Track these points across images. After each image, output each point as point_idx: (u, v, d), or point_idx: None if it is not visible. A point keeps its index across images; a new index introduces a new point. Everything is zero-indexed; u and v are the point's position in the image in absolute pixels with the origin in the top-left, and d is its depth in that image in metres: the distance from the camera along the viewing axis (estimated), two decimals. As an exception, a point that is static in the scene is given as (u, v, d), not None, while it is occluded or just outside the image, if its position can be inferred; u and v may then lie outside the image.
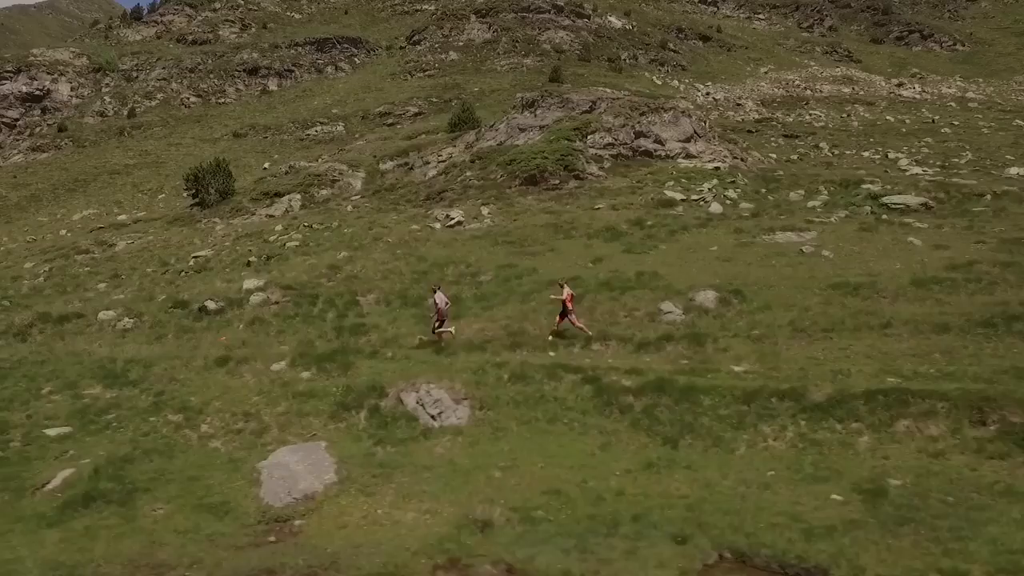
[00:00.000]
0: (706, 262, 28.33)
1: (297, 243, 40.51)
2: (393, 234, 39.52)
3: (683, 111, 50.92)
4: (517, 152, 47.96)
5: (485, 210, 42.09)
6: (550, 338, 23.02)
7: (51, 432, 18.31)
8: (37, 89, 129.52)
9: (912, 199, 35.92)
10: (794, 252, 28.52)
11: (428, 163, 55.07)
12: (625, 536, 13.32)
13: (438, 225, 40.93)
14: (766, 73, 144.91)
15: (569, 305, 23.42)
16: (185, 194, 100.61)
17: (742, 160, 50.46)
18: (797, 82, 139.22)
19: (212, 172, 56.20)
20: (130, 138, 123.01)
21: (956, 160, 77.03)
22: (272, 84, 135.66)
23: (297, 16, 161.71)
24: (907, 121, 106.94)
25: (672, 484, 14.97)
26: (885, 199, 36.61)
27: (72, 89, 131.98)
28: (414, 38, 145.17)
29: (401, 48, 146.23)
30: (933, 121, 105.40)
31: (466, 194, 46.10)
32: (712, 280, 25.18)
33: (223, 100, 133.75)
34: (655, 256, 30.36)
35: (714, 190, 41.52)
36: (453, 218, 41.25)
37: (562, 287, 24.02)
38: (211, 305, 28.83)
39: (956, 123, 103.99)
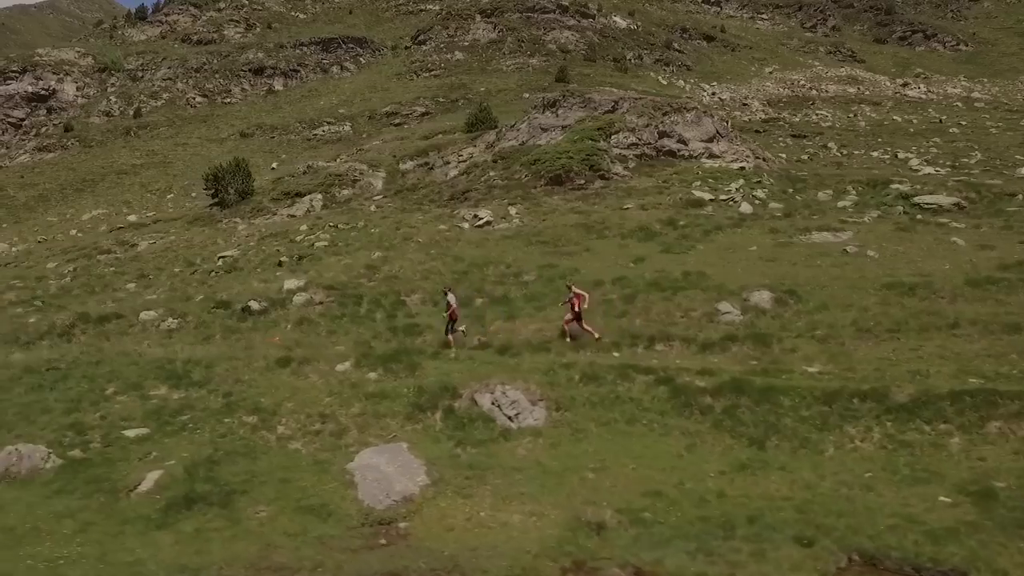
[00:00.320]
0: (750, 262, 28.35)
1: (326, 243, 40.48)
2: (422, 234, 39.50)
3: (705, 111, 51.04)
4: (541, 152, 47.99)
5: (513, 210, 42.10)
6: (568, 340, 23.23)
7: (129, 433, 18.25)
8: (43, 89, 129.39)
9: (944, 199, 36.00)
10: (838, 252, 28.55)
11: (448, 163, 55.10)
12: (745, 539, 13.30)
13: (466, 225, 40.95)
14: (771, 73, 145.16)
15: (577, 308, 23.68)
16: (194, 194, 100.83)
17: (764, 160, 50.55)
18: (802, 82, 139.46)
19: (231, 172, 56.13)
20: (136, 138, 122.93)
21: (966, 160, 77.19)
22: (278, 84, 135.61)
23: (301, 16, 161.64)
24: (914, 121, 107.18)
25: (771, 486, 14.98)
26: (917, 199, 36.68)
27: (78, 89, 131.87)
28: (419, 38, 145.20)
29: (406, 48, 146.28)
30: (940, 121, 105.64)
31: (491, 194, 46.12)
32: (761, 280, 25.20)
33: (229, 100, 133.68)
34: (695, 256, 30.38)
35: (742, 190, 41.56)
36: (481, 218, 41.26)
37: (570, 289, 24.37)
38: (255, 305, 28.81)
39: (963, 123, 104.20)
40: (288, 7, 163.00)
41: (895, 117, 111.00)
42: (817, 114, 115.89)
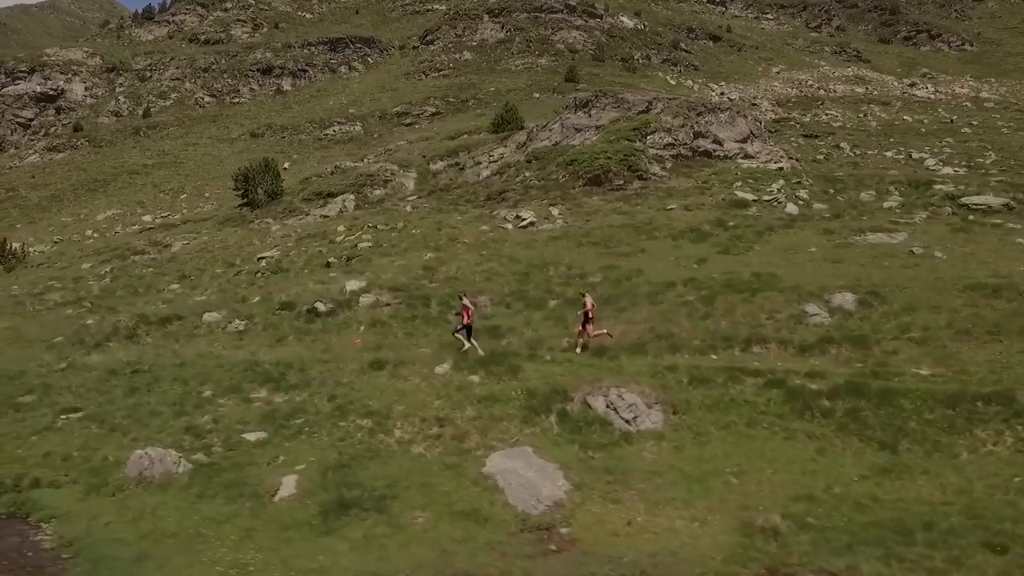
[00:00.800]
0: (815, 263, 28.41)
1: (370, 244, 40.45)
2: (467, 235, 39.51)
3: (738, 111, 51.18)
4: (577, 152, 48.04)
5: (555, 211, 42.15)
6: (578, 351, 23.39)
7: (249, 437, 18.18)
8: (51, 89, 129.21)
9: (994, 200, 36.11)
10: (903, 253, 28.61)
11: (480, 163, 55.16)
12: (930, 544, 13.25)
13: (509, 226, 40.97)
14: (778, 73, 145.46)
15: (591, 315, 23.92)
16: (207, 194, 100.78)
17: (796, 160, 50.71)
18: (810, 82, 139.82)
19: (261, 172, 56.08)
20: (146, 138, 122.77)
21: (981, 160, 77.50)
22: (286, 84, 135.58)
23: (308, 16, 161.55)
24: (925, 121, 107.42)
25: (921, 490, 14.97)
26: (964, 200, 36.78)
27: (86, 89, 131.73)
28: (427, 38, 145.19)
29: (414, 48, 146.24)
30: (951, 121, 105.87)
31: (528, 195, 46.16)
32: (836, 282, 25.23)
33: (238, 100, 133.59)
34: (756, 257, 30.44)
35: (783, 191, 41.67)
36: (524, 219, 41.29)
37: (583, 296, 24.73)
38: (321, 307, 28.80)
39: (975, 123, 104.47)
40: (294, 7, 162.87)
41: (905, 117, 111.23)
42: (827, 114, 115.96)
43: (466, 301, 24.63)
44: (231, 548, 13.81)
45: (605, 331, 23.91)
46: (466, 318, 24.06)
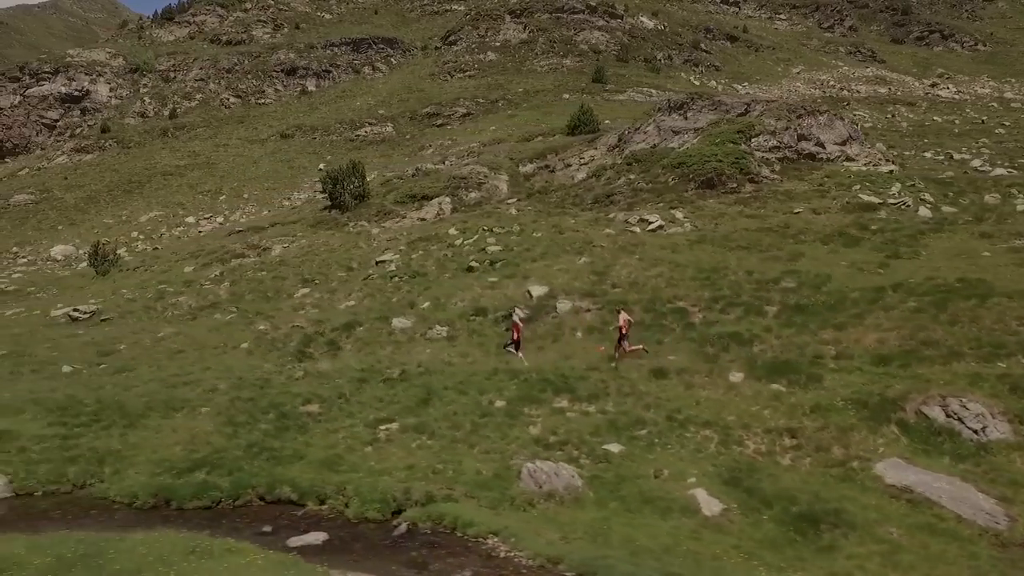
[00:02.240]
0: (1009, 268, 28.52)
1: (499, 248, 40.46)
2: (598, 238, 39.60)
3: (836, 114, 51.52)
4: (683, 155, 48.24)
5: (678, 214, 42.33)
6: (613, 365, 24.36)
7: (612, 449, 18.21)
8: (76, 90, 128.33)
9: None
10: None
11: (570, 165, 55.31)
12: None
13: (637, 229, 41.10)
14: (798, 73, 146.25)
15: (624, 331, 25.06)
16: (246, 195, 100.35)
17: (891, 162, 51.10)
18: (831, 82, 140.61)
19: (348, 175, 55.97)
20: (174, 139, 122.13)
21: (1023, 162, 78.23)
22: (311, 84, 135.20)
23: (327, 16, 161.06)
24: (956, 122, 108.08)
25: None
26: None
27: (111, 90, 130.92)
28: (450, 38, 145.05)
29: (436, 48, 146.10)
30: (982, 122, 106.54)
31: (638, 197, 46.32)
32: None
33: (263, 101, 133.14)
34: (932, 261, 30.38)
35: (903, 194, 42.02)
36: (651, 222, 41.45)
37: (618, 313, 26.01)
38: (521, 314, 28.87)
39: (1007, 124, 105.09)
40: (313, 7, 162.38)
41: (935, 118, 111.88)
42: (855, 114, 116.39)
43: (518, 313, 26.97)
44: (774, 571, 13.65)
45: (642, 347, 25.14)
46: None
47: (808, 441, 18.21)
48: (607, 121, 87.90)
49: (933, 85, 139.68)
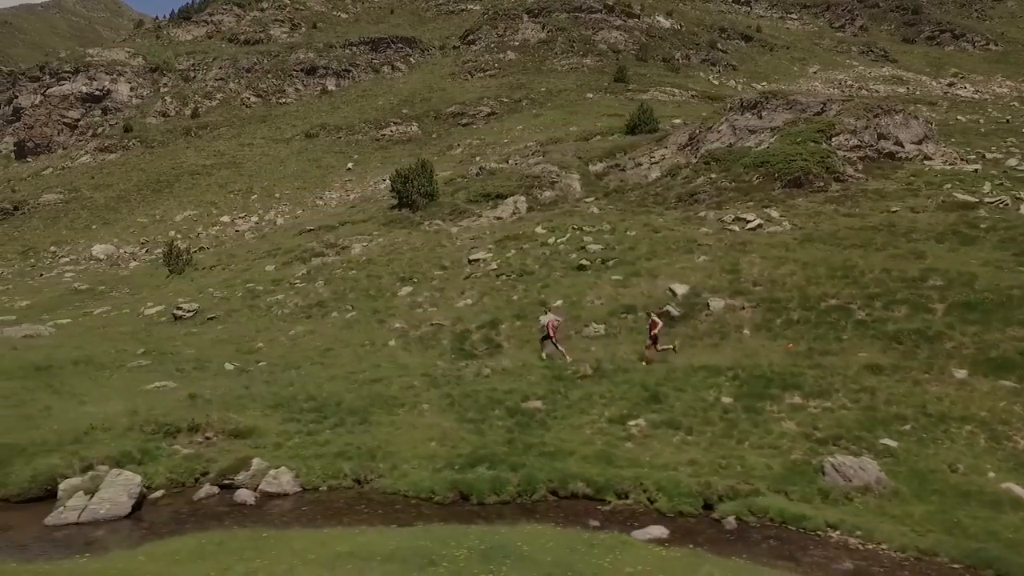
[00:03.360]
0: None
1: (601, 247, 40.51)
2: (699, 237, 39.80)
3: (910, 113, 51.92)
4: (766, 154, 48.48)
5: (774, 212, 42.55)
6: (643, 364, 25.78)
7: (891, 444, 18.04)
8: (97, 89, 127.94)
9: None
10: None
11: (641, 164, 55.52)
12: None
13: (736, 228, 41.29)
14: (815, 73, 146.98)
15: (655, 333, 26.52)
16: (277, 195, 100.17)
17: (966, 162, 51.52)
18: (849, 82, 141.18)
19: (417, 174, 56.04)
20: (198, 138, 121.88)
21: (1057, 160, 78.92)
22: (331, 84, 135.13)
23: (343, 15, 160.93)
24: (981, 121, 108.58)
25: None
26: None
27: (131, 89, 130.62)
28: (468, 38, 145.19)
29: (455, 48, 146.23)
30: (1007, 121, 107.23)
31: (724, 196, 46.53)
32: None
33: (284, 100, 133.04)
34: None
35: (996, 192, 42.38)
36: (748, 220, 41.65)
37: (649, 315, 27.60)
38: (673, 311, 29.03)
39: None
40: (329, 7, 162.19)
41: (958, 117, 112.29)
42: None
43: (551, 317, 28.12)
44: None
45: (671, 347, 26.68)
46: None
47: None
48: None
49: (951, 85, 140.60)
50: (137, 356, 31.09)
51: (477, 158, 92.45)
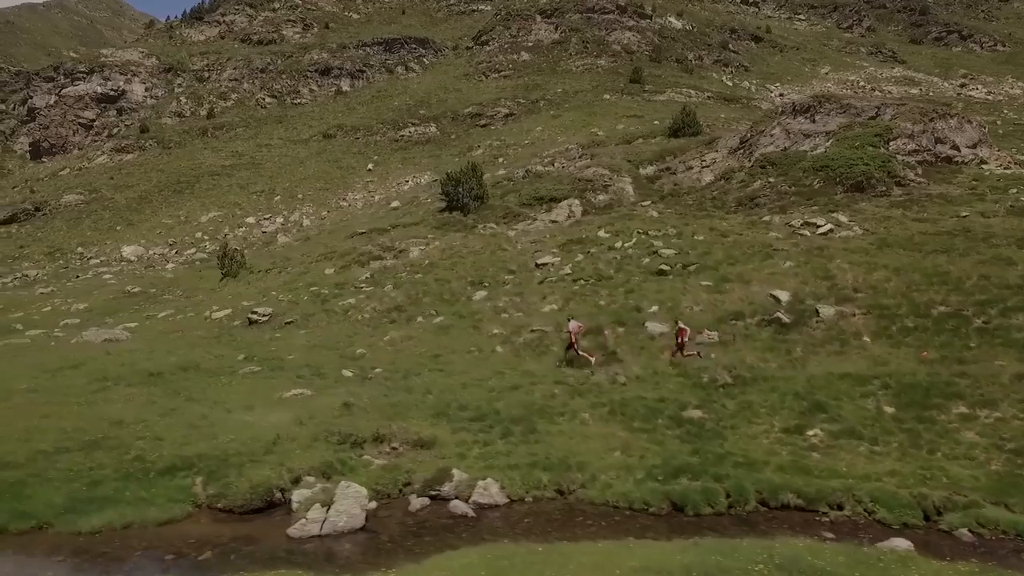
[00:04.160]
0: None
1: (673, 251, 40.54)
2: (772, 242, 39.90)
3: (964, 117, 52.19)
4: (823, 158, 48.64)
5: (842, 217, 42.65)
6: (671, 366, 27.42)
7: None
8: (112, 90, 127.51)
9: None
10: None
11: (692, 168, 55.64)
12: None
13: (807, 232, 41.40)
14: (827, 74, 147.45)
15: (683, 339, 28.08)
16: (300, 195, 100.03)
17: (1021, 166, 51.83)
18: (861, 83, 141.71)
19: (467, 176, 56.03)
20: (214, 139, 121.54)
21: (1081, 161, 79.45)
22: (345, 84, 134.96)
23: (355, 16, 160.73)
24: (998, 123, 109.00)
25: None
26: None
27: (146, 89, 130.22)
28: (481, 39, 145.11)
29: (468, 48, 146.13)
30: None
31: (785, 200, 46.67)
32: None
33: (299, 100, 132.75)
34: None
35: (1069, 197, 42.68)
36: (818, 225, 41.77)
37: (676, 323, 29.25)
38: (784, 318, 29.14)
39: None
40: (341, 7, 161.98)
41: (977, 118, 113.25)
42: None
43: (573, 323, 29.58)
44: None
45: (696, 353, 27.95)
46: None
47: None
48: (656, 122, 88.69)
49: (963, 86, 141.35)
50: (241, 362, 31.03)
51: (500, 159, 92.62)
